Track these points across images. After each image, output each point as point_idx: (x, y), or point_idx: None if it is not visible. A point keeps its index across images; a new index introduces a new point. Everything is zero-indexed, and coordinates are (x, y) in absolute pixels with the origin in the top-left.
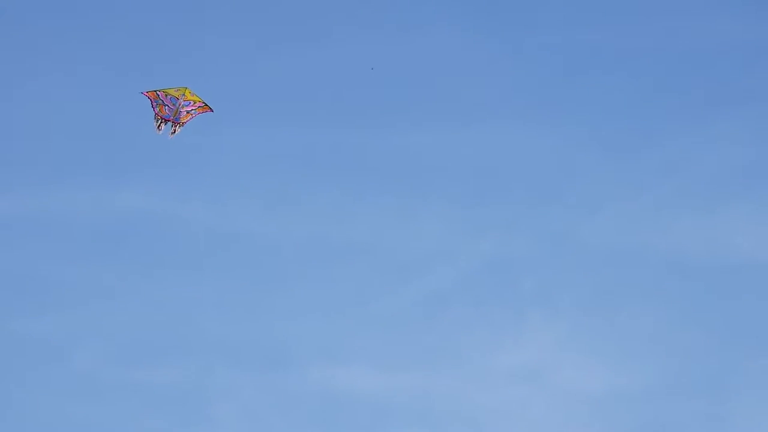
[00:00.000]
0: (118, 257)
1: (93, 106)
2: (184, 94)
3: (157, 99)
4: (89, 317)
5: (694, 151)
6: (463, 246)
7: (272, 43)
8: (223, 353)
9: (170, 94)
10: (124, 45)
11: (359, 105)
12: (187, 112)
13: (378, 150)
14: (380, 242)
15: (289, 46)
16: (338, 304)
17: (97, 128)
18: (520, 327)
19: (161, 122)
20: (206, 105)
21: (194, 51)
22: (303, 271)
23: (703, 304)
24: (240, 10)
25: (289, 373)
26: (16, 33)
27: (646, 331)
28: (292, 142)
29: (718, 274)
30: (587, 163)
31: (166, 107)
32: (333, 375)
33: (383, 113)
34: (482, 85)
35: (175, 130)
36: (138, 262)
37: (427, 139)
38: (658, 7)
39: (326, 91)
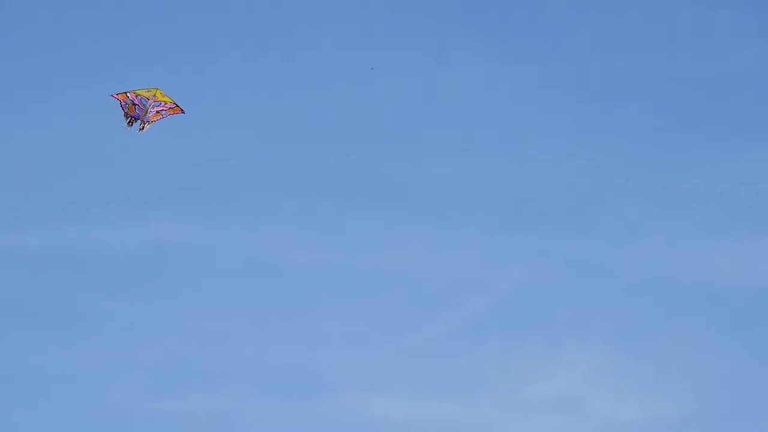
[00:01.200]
0: (151, 288)
1: (121, 135)
2: (155, 95)
3: (126, 99)
4: (123, 348)
5: (727, 179)
6: (496, 275)
7: (305, 72)
8: (257, 381)
9: (140, 95)
10: (153, 75)
11: (391, 134)
12: (157, 111)
13: (411, 179)
14: (413, 271)
15: (322, 75)
16: (371, 332)
17: (127, 158)
18: (554, 356)
19: (131, 119)
20: (177, 106)
21: (228, 78)
22: (336, 300)
23: (739, 331)
24: (272, 39)
25: (322, 401)
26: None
27: (681, 359)
28: (324, 171)
29: (753, 301)
30: (620, 191)
31: (136, 107)
32: (366, 403)
33: (414, 142)
34: (514, 113)
35: (143, 127)
36: (171, 291)
37: (460, 168)
38: (690, 34)
39: (358, 120)
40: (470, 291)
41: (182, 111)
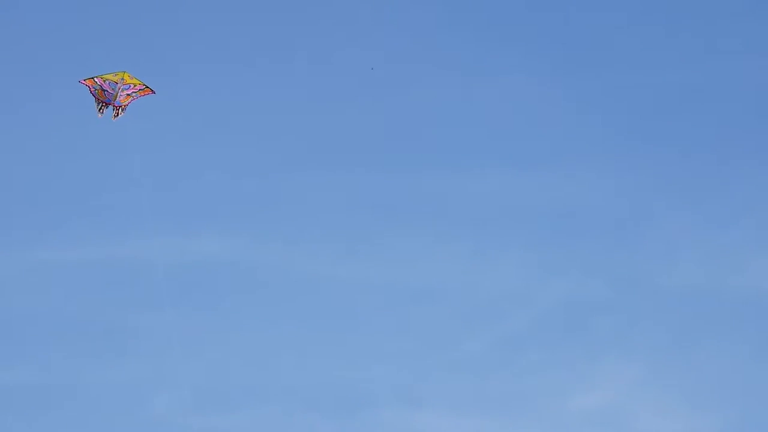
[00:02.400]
0: (195, 303)
1: (163, 151)
2: (123, 78)
3: (95, 85)
4: (168, 364)
5: None
6: (537, 289)
7: (346, 86)
8: (300, 397)
9: (108, 80)
10: (201, 95)
11: (434, 149)
12: (128, 95)
13: (451, 194)
14: (455, 286)
15: (367, 91)
16: (414, 347)
17: (170, 174)
18: (595, 370)
19: (102, 106)
20: (147, 87)
21: (269, 91)
22: (379, 315)
23: None
24: (317, 51)
25: (364, 416)
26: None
27: (723, 372)
28: (367, 186)
29: None
30: (661, 204)
31: (105, 92)
32: (409, 419)
33: (458, 157)
34: (556, 128)
35: (117, 114)
36: (215, 307)
37: (500, 182)
38: (731, 46)
39: (402, 135)
40: (511, 305)
41: (153, 91)
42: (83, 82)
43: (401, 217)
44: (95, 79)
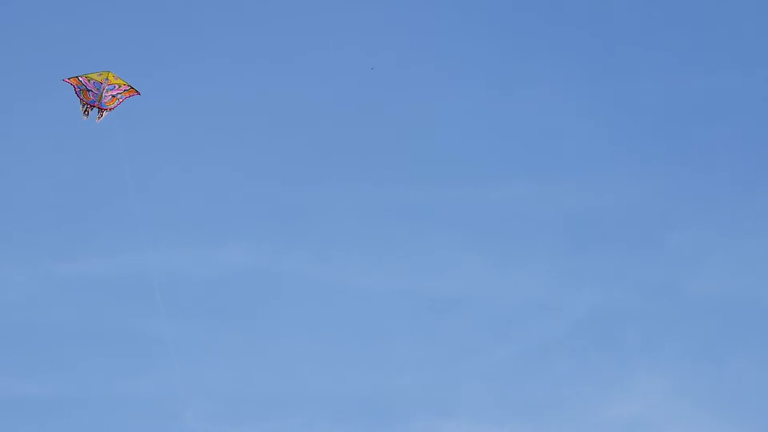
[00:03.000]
0: (221, 314)
1: (188, 161)
2: (107, 78)
3: (80, 85)
4: (194, 374)
5: None
6: (567, 297)
7: (377, 98)
8: (327, 407)
9: (93, 79)
10: (224, 106)
11: (460, 158)
12: (113, 96)
13: (480, 202)
14: (483, 294)
15: (394, 101)
16: (442, 356)
17: (194, 185)
18: (625, 378)
19: (87, 108)
20: (132, 88)
21: (294, 103)
22: (407, 324)
23: None
24: (343, 64)
25: (393, 426)
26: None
27: (754, 381)
28: (393, 196)
29: None
30: (690, 212)
31: (90, 92)
32: (437, 428)
33: (484, 166)
34: (582, 135)
35: (101, 115)
36: (240, 317)
37: (529, 190)
38: (759, 55)
39: (428, 145)
40: (539, 314)
41: (138, 92)
42: (67, 80)
43: (427, 226)
44: (80, 78)
